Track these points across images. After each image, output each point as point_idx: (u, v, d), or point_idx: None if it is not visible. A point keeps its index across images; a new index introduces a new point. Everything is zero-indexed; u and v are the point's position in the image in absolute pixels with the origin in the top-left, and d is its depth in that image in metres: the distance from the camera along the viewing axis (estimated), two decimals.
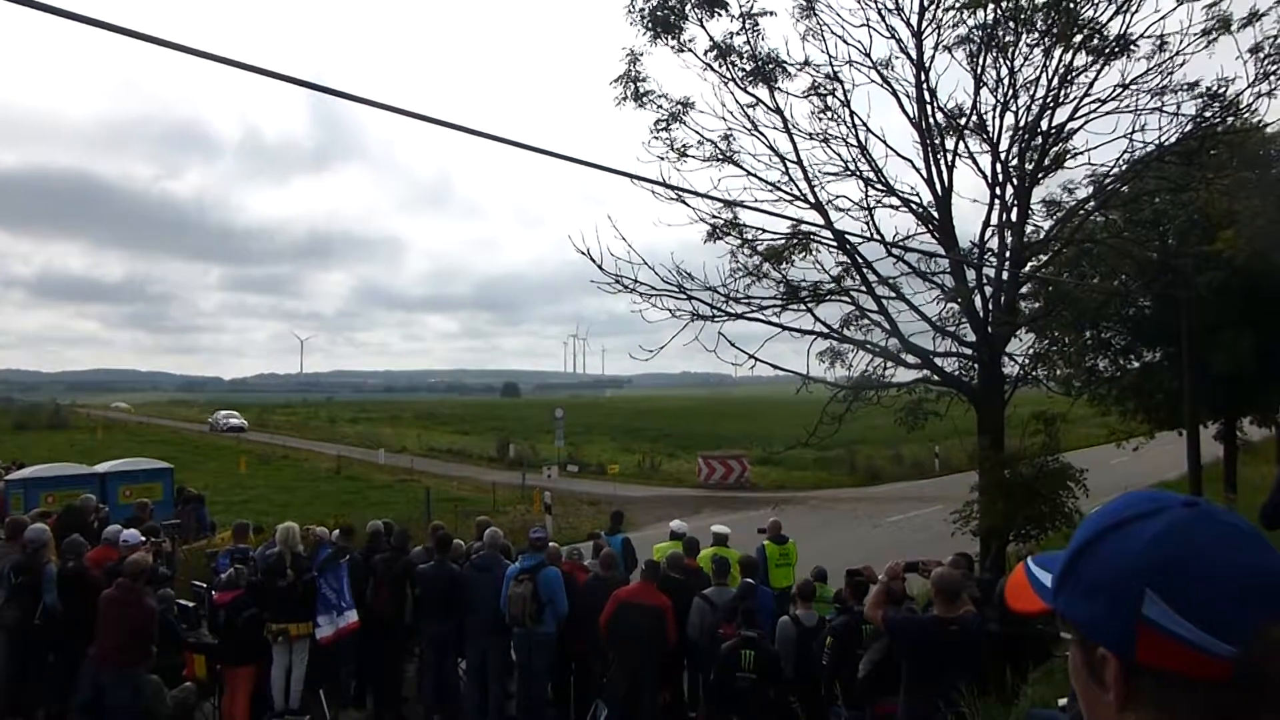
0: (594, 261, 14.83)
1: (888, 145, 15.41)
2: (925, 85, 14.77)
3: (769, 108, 14.82)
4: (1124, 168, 14.76)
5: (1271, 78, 13.28)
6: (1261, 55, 13.39)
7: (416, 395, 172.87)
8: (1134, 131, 14.29)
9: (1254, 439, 30.44)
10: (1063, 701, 6.24)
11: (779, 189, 14.80)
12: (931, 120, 14.95)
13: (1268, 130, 15.71)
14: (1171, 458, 26.85)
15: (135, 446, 38.42)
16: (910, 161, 15.16)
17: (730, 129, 15.04)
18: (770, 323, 15.15)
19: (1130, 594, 0.98)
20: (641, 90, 15.08)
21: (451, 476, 36.75)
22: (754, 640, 8.36)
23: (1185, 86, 13.87)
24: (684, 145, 15.09)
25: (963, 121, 14.81)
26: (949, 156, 14.98)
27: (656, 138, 15.15)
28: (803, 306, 15.20)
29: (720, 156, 15.07)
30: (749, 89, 14.80)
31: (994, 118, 14.67)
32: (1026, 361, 15.77)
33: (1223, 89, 13.79)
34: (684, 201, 15.02)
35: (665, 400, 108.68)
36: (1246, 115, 14.13)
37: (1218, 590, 0.95)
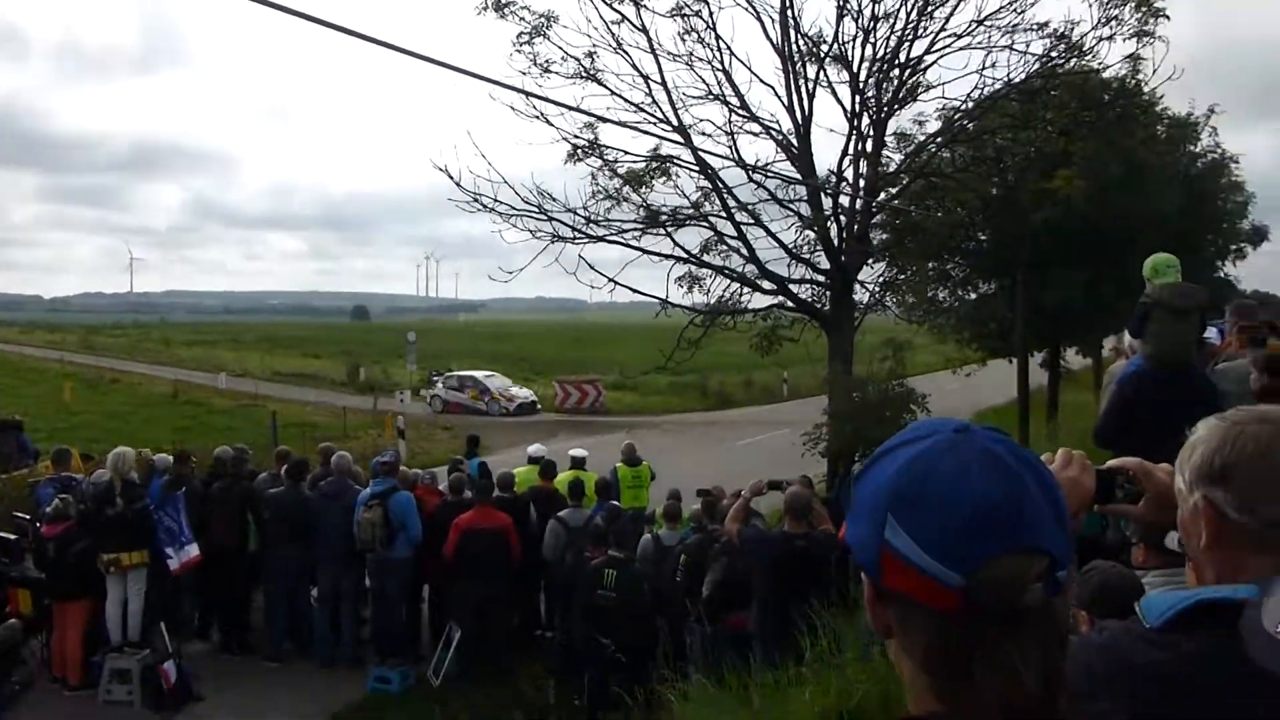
0: (452, 179, 14.35)
1: (751, 71, 15.42)
2: (789, 10, 14.77)
3: (634, 26, 14.52)
4: (972, 104, 15.22)
5: (1113, 22, 13.89)
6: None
7: (259, 317, 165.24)
8: (985, 68, 14.74)
9: (1075, 368, 32.70)
10: None
11: (642, 110, 14.60)
12: (794, 47, 15.00)
13: (1105, 74, 16.50)
14: (1001, 384, 28.53)
15: None
16: (773, 88, 15.24)
17: (595, 46, 14.68)
18: (630, 246, 15.11)
19: (879, 518, 0.96)
20: (503, 0, 14.49)
21: (300, 401, 35.49)
22: (618, 560, 8.42)
23: (1036, 26, 14.37)
24: (547, 61, 14.65)
25: (824, 50, 14.91)
26: (810, 85, 15.10)
27: (519, 51, 14.64)
28: (662, 231, 15.16)
29: (584, 74, 14.71)
30: (614, 5, 14.43)
31: (854, 47, 14.83)
32: (877, 289, 16.28)
33: (1069, 30, 14.36)
34: (546, 120, 14.64)
35: (520, 325, 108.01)
36: (1089, 58, 14.77)
37: (949, 519, 0.92)
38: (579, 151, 14.98)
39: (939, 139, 16.36)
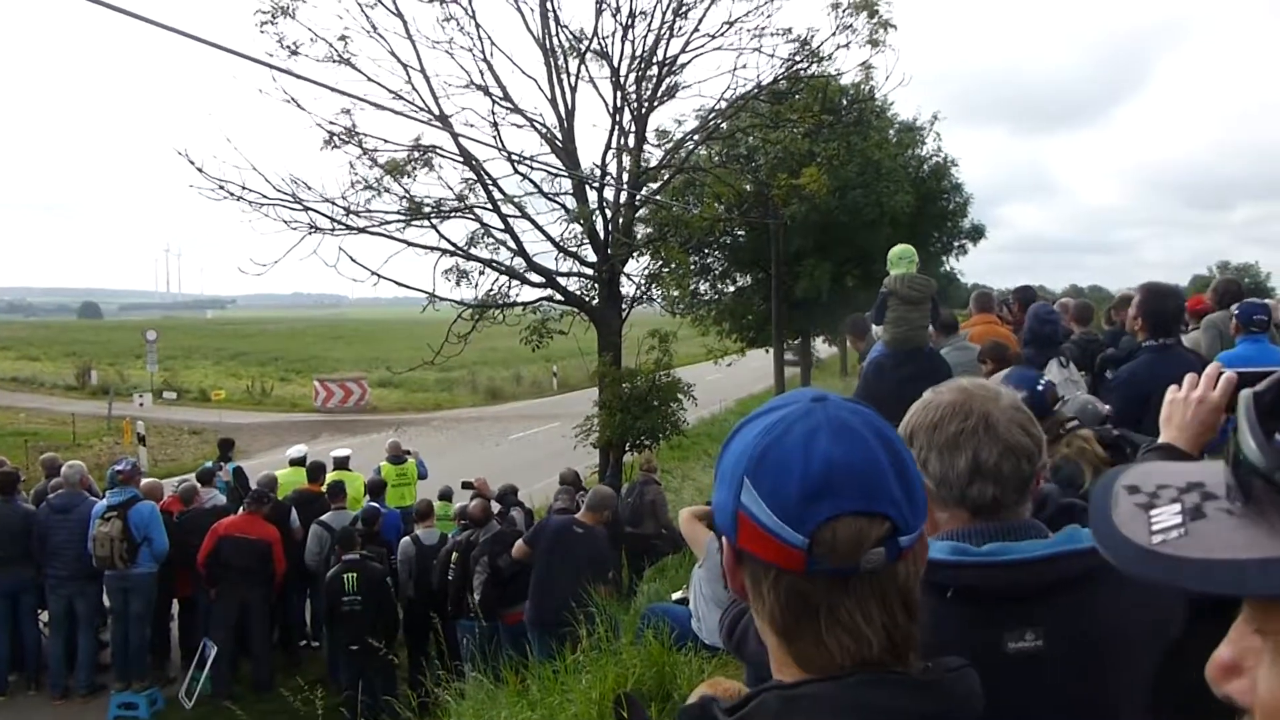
0: (193, 164, 13.34)
1: (514, 62, 15.31)
2: (549, 4, 14.80)
3: (390, 10, 14.03)
4: (725, 104, 15.90)
5: (848, 30, 14.93)
6: (840, 9, 15.02)
7: None
8: (736, 69, 15.43)
9: (823, 356, 35.02)
10: (676, 595, 6.76)
11: (401, 97, 14.14)
12: (556, 41, 15.05)
13: (843, 80, 17.73)
14: (758, 373, 30.09)
15: None
16: (536, 81, 15.21)
17: (348, 29, 14.06)
18: (393, 238, 14.61)
19: (736, 482, 1.00)
20: None
21: (18, 408, 31.86)
22: (355, 563, 8.24)
23: (781, 31, 15.17)
24: (295, 43, 13.87)
25: (585, 45, 15.06)
26: (572, 79, 15.21)
27: (263, 32, 13.76)
28: (427, 223, 14.80)
29: (336, 58, 14.04)
30: None
31: (614, 43, 15.08)
32: (643, 282, 16.66)
33: (810, 37, 15.28)
34: (297, 104, 13.90)
35: (275, 322, 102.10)
36: (828, 64, 15.79)
37: (793, 481, 0.96)
38: (335, 139, 14.32)
39: (695, 136, 16.97)
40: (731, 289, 27.57)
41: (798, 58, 15.52)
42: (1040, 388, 3.03)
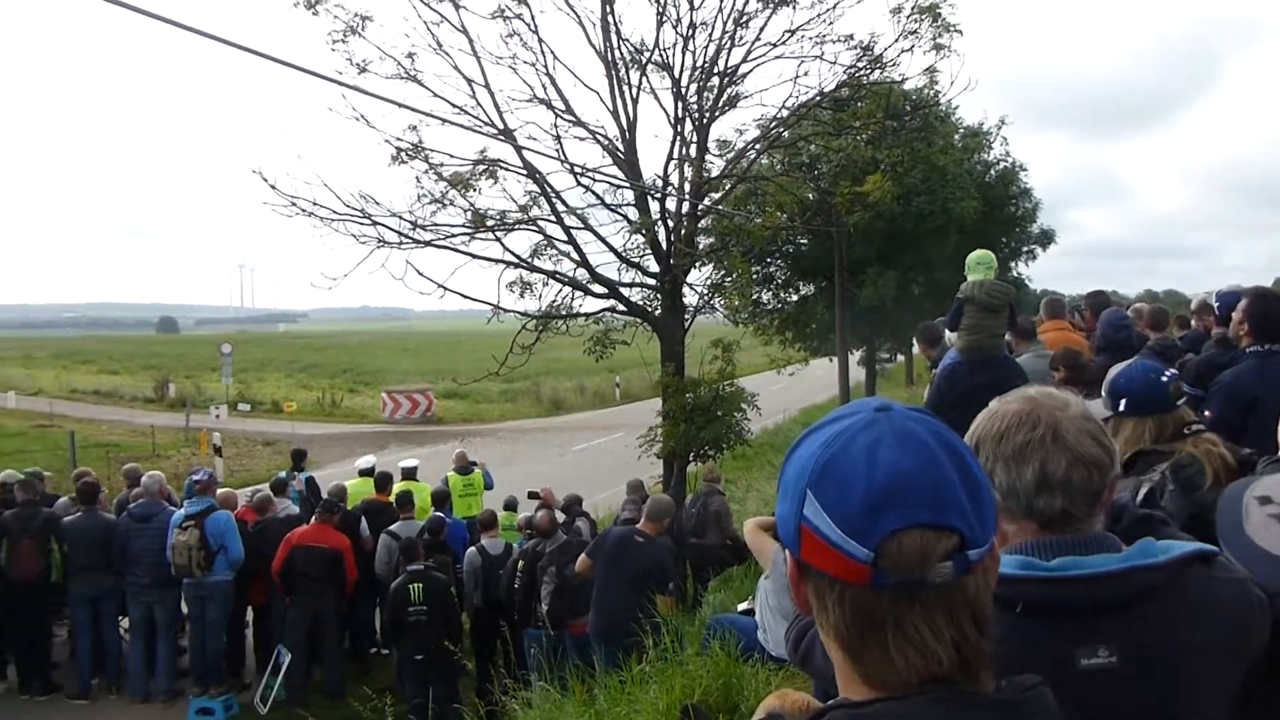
0: (266, 181, 13.69)
1: (576, 76, 15.44)
2: (611, 17, 14.89)
3: (455, 27, 14.27)
4: (786, 113, 15.82)
5: (912, 36, 14.75)
6: (903, 15, 14.85)
7: (52, 332, 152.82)
8: (798, 77, 15.34)
9: (889, 365, 34.57)
10: (742, 606, 6.72)
11: (466, 112, 14.35)
12: (617, 54, 15.14)
13: (905, 86, 17.51)
14: (822, 382, 29.82)
15: None
16: (598, 94, 15.30)
17: (415, 47, 14.34)
18: (459, 251, 14.80)
19: (799, 495, 0.99)
20: None
21: (100, 420, 32.99)
22: (420, 573, 8.32)
23: (843, 38, 15.04)
24: (364, 60, 14.18)
25: (646, 57, 15.12)
26: (634, 91, 15.28)
27: (334, 50, 14.11)
28: (491, 235, 14.97)
29: (404, 75, 14.32)
30: (433, 5, 14.13)
31: (675, 54, 15.11)
32: (705, 292, 16.63)
33: (873, 43, 15.14)
34: (367, 121, 14.20)
35: (345, 335, 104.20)
36: (891, 69, 15.63)
37: (857, 493, 0.95)
38: (402, 154, 14.59)
39: (757, 145, 16.91)
40: (795, 298, 27.42)
41: (860, 64, 15.38)
42: (1164, 379, 2.86)
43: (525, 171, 14.72)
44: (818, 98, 15.52)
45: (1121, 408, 2.84)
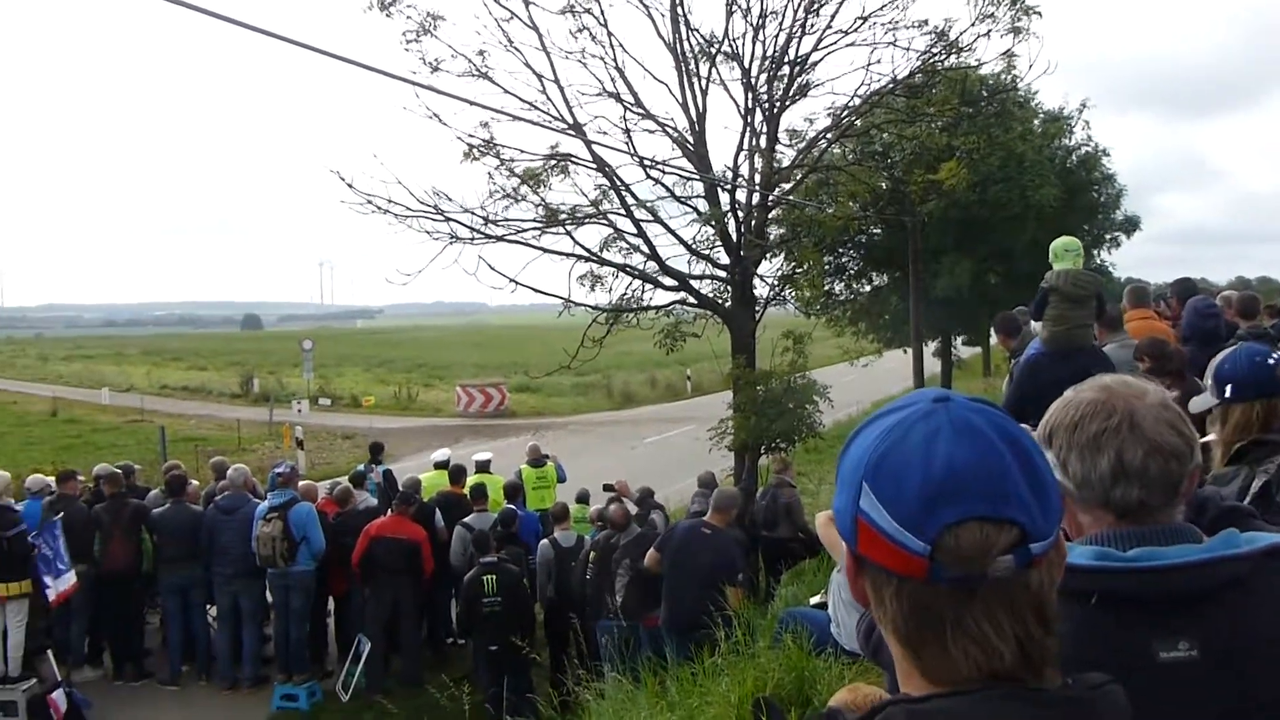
0: (344, 180, 14.01)
1: (645, 68, 15.47)
2: (680, 8, 14.86)
3: (525, 23, 14.39)
4: (859, 101, 15.59)
5: (989, 19, 14.40)
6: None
7: (143, 330, 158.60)
8: (870, 65, 15.10)
9: (965, 356, 33.89)
10: (814, 600, 6.67)
11: (536, 108, 14.47)
12: (686, 45, 15.10)
13: (983, 70, 17.11)
14: (896, 374, 29.37)
15: None
16: (667, 86, 15.29)
17: (485, 44, 14.51)
18: (530, 245, 14.95)
19: (855, 487, 0.97)
20: None
21: (189, 415, 34.16)
22: (494, 565, 8.42)
23: (917, 24, 14.76)
24: (436, 59, 14.39)
25: (716, 47, 15.05)
26: (703, 82, 15.22)
27: (406, 50, 14.36)
28: (562, 230, 15.08)
29: (475, 72, 14.50)
30: (503, 2, 14.28)
31: (745, 44, 15.01)
32: (776, 283, 16.51)
33: (948, 28, 14.82)
34: (439, 119, 14.41)
35: (419, 330, 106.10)
36: (967, 54, 15.28)
37: (914, 485, 0.93)
38: (474, 151, 14.78)
39: (828, 135, 16.71)
40: (867, 288, 27.05)
41: (935, 50, 15.07)
42: (1271, 361, 2.75)
43: (595, 165, 14.79)
44: (891, 85, 15.26)
45: (1228, 394, 2.75)
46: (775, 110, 15.40)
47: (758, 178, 15.28)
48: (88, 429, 31.50)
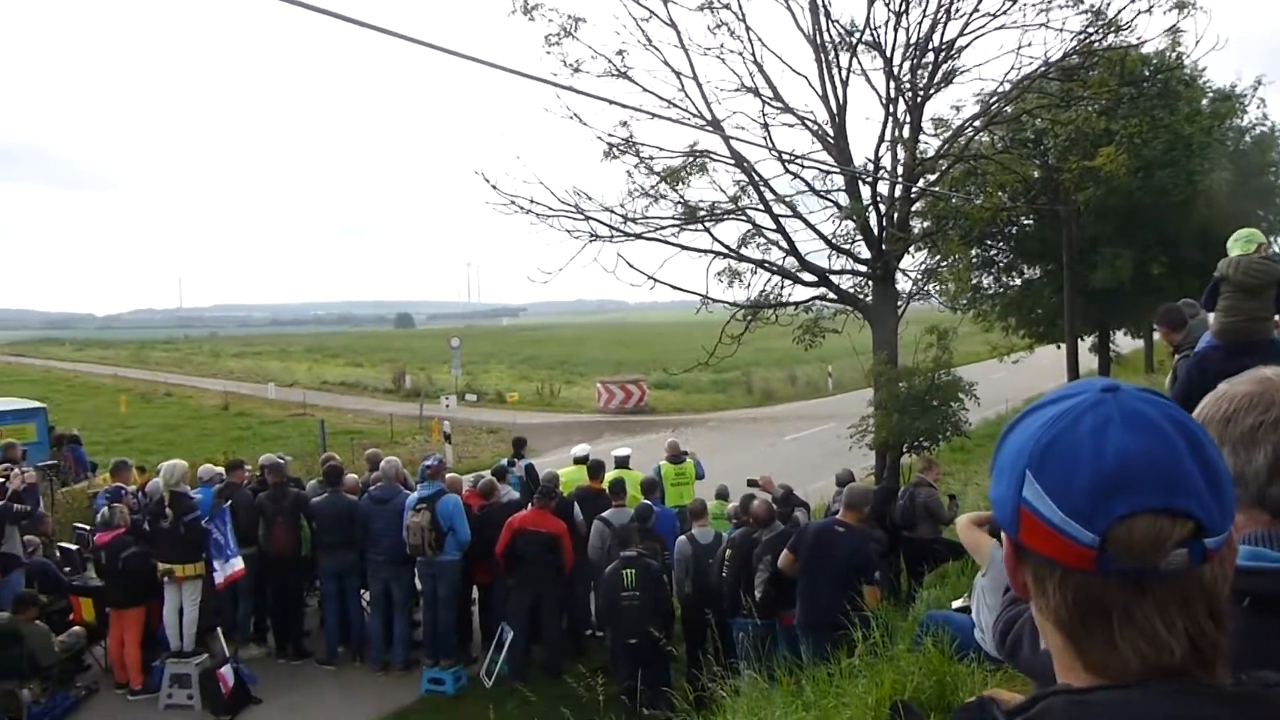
0: (488, 182, 14.44)
1: (784, 62, 15.30)
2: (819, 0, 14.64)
3: (664, 21, 14.48)
4: (1009, 86, 14.98)
5: None
6: None
7: (305, 328, 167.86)
8: (1021, 48, 14.50)
9: (1124, 350, 32.07)
10: (957, 603, 6.45)
11: (675, 105, 14.54)
12: (826, 36, 14.87)
13: (1144, 49, 16.15)
14: (1048, 371, 28.08)
15: (3, 386, 36.28)
16: (806, 79, 15.11)
17: (624, 44, 14.69)
18: (668, 243, 15.05)
19: (1018, 476, 0.95)
20: (531, 3, 14.53)
21: (346, 409, 35.91)
22: (634, 559, 8.48)
23: (1071, 2, 14.08)
24: (577, 61, 14.66)
25: (856, 37, 14.76)
26: (843, 73, 14.96)
27: (548, 53, 14.68)
28: (700, 226, 15.10)
29: (614, 72, 14.68)
30: (642, 1, 14.40)
31: (887, 32, 14.66)
32: (919, 278, 16.09)
33: (1105, 5, 14.07)
34: (580, 119, 14.66)
35: (562, 327, 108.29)
36: (1127, 33, 14.47)
37: (1084, 475, 0.91)
38: (614, 150, 14.98)
39: (976, 123, 16.13)
40: (1018, 282, 25.95)
41: (1091, 29, 14.33)
42: None
43: (733, 161, 14.75)
44: (1043, 68, 14.61)
45: None
46: (919, 99, 14.99)
47: (900, 169, 14.91)
48: (256, 422, 33.55)
